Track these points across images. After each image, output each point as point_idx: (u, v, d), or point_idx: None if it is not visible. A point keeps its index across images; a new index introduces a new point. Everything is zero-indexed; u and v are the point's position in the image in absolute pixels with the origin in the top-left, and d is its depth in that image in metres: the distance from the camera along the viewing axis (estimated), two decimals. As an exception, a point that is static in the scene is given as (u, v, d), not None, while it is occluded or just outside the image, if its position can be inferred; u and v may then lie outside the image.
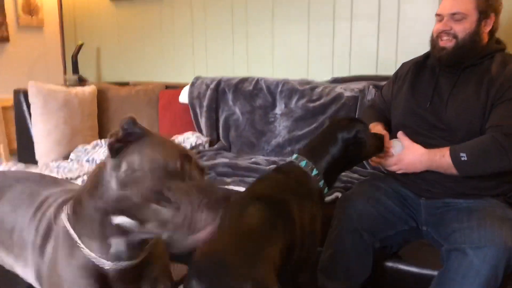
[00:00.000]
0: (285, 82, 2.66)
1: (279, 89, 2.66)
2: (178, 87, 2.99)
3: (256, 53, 3.00)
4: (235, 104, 2.75)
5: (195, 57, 3.21)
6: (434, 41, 1.71)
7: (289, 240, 1.32)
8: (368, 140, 1.59)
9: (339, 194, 1.95)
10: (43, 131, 2.65)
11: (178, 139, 2.72)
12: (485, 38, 1.66)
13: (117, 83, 3.27)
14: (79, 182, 2.19)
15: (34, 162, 2.66)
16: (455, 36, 1.64)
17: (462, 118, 1.60)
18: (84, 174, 2.30)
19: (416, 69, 1.80)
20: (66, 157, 2.66)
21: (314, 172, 1.51)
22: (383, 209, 1.68)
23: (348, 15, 2.66)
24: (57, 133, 2.66)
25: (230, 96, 2.77)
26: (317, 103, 2.51)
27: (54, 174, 2.30)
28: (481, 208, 1.54)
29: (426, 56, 1.81)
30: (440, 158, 1.58)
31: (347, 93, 2.44)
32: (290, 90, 2.62)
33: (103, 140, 2.73)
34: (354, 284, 1.63)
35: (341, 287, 1.62)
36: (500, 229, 1.42)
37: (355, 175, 2.21)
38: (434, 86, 1.70)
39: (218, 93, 2.81)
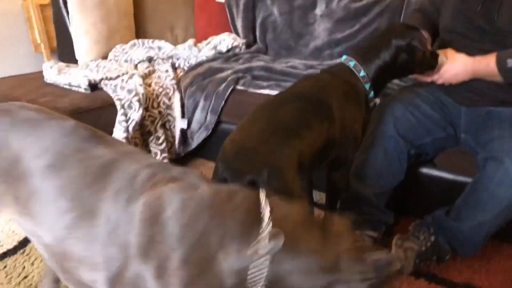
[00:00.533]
0: (327, -20, 2.51)
1: (321, -13, 2.52)
2: (215, -15, 2.88)
3: None
4: (273, 4, 2.64)
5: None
6: None
7: (326, 138, 1.34)
8: (422, 53, 1.53)
9: (377, 100, 1.92)
10: (81, 30, 2.64)
11: (214, 40, 2.67)
12: None
13: (152, -20, 3.17)
14: (118, 82, 2.22)
15: (74, 61, 2.69)
16: None
17: None
18: (123, 74, 2.32)
19: None
20: (105, 57, 2.68)
21: (362, 73, 1.50)
22: (421, 116, 1.65)
23: None
24: (95, 32, 2.66)
25: (268, -5, 2.65)
26: (360, 3, 2.38)
27: (94, 73, 2.34)
28: None
29: None
30: (486, 67, 1.51)
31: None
32: None
33: (140, 40, 2.72)
34: (386, 190, 1.65)
35: (372, 191, 1.65)
36: None
37: (396, 81, 2.15)
38: None
39: (256, -8, 2.69)
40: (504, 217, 1.43)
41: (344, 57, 1.56)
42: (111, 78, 2.27)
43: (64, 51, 2.82)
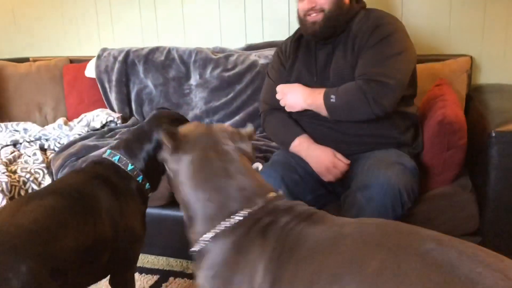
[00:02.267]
0: (198, 51, 2.56)
1: (193, 58, 2.55)
2: (83, 61, 2.79)
3: (166, 21, 2.84)
4: (147, 77, 2.62)
5: (100, 27, 2.99)
6: (302, 20, 1.73)
7: (93, 237, 1.23)
8: None
9: (259, 165, 1.93)
10: None
11: (87, 117, 2.54)
12: (348, 2, 1.71)
13: (15, 59, 2.98)
14: (-25, 172, 1.98)
15: None
16: (322, 10, 1.66)
17: (343, 83, 1.63)
18: (-18, 163, 2.09)
19: (294, 48, 1.82)
20: (-40, 145, 2.40)
21: (130, 167, 1.43)
22: (304, 173, 1.69)
23: (259, -21, 2.59)
24: None
25: (141, 68, 2.62)
26: (232, 72, 2.45)
27: None
28: (377, 156, 1.59)
29: (300, 33, 1.82)
30: (316, 96, 1.64)
31: (262, 61, 2.40)
32: (204, 59, 2.53)
33: (3, 124, 2.49)
34: None
35: None
36: (386, 169, 1.48)
37: (274, 143, 2.20)
38: (315, 61, 1.74)
39: (128, 65, 2.65)
40: None
41: (108, 151, 1.47)
42: (-32, 169, 2.02)
43: None
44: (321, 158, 1.66)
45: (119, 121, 2.58)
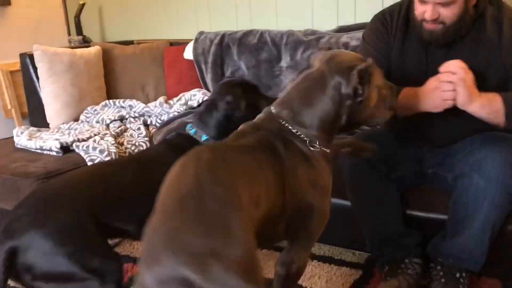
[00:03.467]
0: (290, 34, 2.63)
1: (284, 41, 2.62)
2: (182, 44, 2.97)
3: (259, 5, 2.94)
4: (240, 59, 2.73)
5: (198, 12, 3.16)
6: (418, 22, 1.55)
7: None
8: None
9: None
10: (51, 94, 2.67)
11: (185, 96, 2.73)
12: (472, 10, 1.51)
13: (121, 42, 3.25)
14: (90, 143, 2.23)
15: (45, 125, 2.70)
16: (442, 22, 1.48)
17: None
18: (95, 135, 2.33)
19: (403, 28, 1.64)
20: (76, 119, 2.69)
21: (204, 137, 1.58)
22: (385, 151, 1.60)
23: (353, -39, 2.58)
24: (66, 95, 2.68)
25: (234, 51, 2.75)
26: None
27: (65, 136, 2.34)
28: (483, 135, 1.55)
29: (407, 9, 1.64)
30: (492, 99, 1.44)
31: (353, 42, 2.40)
32: (295, 42, 2.59)
33: (111, 100, 2.75)
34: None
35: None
36: (500, 145, 1.43)
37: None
38: (426, 61, 1.59)
39: (223, 48, 2.78)
40: (492, 228, 1.47)
41: (188, 126, 1.65)
42: (83, 140, 2.28)
43: (35, 115, 2.83)
44: (426, 86, 1.49)
45: (214, 101, 2.73)
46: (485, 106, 1.43)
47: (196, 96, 2.70)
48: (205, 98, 2.69)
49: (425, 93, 1.48)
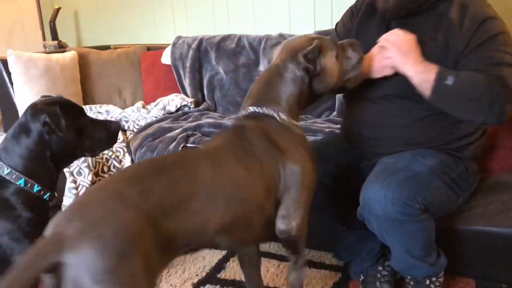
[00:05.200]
0: (268, 38, 2.64)
1: (262, 45, 2.64)
2: (160, 48, 2.96)
3: (237, 10, 2.95)
4: (218, 64, 2.74)
5: (175, 16, 3.16)
6: None
7: None
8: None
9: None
10: (26, 100, 2.61)
11: (163, 101, 2.71)
12: None
13: (98, 47, 3.21)
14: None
15: (20, 131, 2.65)
16: None
17: None
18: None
19: (369, 10, 1.61)
20: (51, 125, 2.65)
21: (6, 171, 1.30)
22: (333, 166, 1.62)
23: (328, -34, 2.62)
24: (41, 101, 2.64)
25: (213, 55, 2.75)
26: (300, 58, 2.50)
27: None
28: (389, 162, 1.47)
29: None
30: (429, 67, 1.38)
31: (330, 47, 2.43)
32: (273, 46, 2.60)
33: (88, 106, 2.72)
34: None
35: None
36: (383, 182, 1.37)
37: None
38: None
39: (201, 52, 2.78)
40: (412, 246, 1.45)
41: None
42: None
43: (10, 122, 2.77)
44: (369, 52, 1.48)
45: (192, 106, 2.72)
46: (419, 73, 1.38)
47: (174, 101, 2.69)
48: (183, 103, 2.68)
49: (367, 58, 1.47)
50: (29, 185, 1.30)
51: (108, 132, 1.47)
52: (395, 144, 1.53)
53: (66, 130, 1.32)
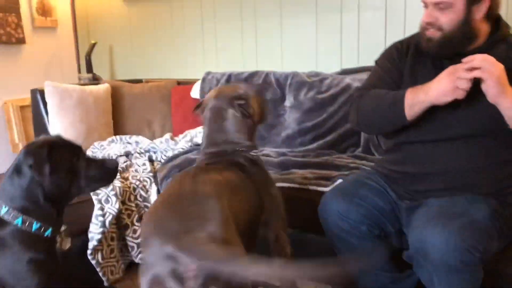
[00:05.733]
0: (294, 75, 2.70)
1: (288, 81, 2.69)
2: (190, 83, 3.05)
3: (265, 47, 3.04)
4: (245, 98, 2.80)
5: (206, 53, 3.27)
6: (421, 32, 1.52)
7: None
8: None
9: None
10: (59, 129, 2.72)
11: (190, 133, 2.77)
12: (480, 25, 1.45)
13: (130, 80, 3.33)
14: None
15: (52, 159, 2.74)
16: (440, 28, 1.44)
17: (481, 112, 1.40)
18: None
19: (417, 52, 1.58)
20: (82, 154, 2.73)
21: (3, 209, 1.34)
22: (370, 207, 1.54)
23: (356, 6, 2.69)
24: (74, 131, 2.74)
25: (240, 90, 2.81)
26: (326, 94, 2.54)
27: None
28: (443, 205, 1.40)
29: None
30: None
31: (356, 84, 2.47)
32: (299, 82, 2.65)
33: (118, 136, 2.80)
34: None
35: None
36: (443, 227, 1.28)
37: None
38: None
39: (229, 87, 2.85)
40: None
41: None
42: (88, 174, 2.30)
43: (42, 149, 2.87)
44: (439, 77, 1.39)
45: (218, 138, 2.77)
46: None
47: (202, 134, 2.73)
48: (210, 135, 2.74)
49: (438, 79, 1.38)
50: (27, 223, 1.33)
51: (105, 170, 1.51)
52: (454, 186, 1.46)
53: (55, 173, 1.35)
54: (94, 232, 2.06)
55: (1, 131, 3.25)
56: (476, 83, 1.33)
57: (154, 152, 2.66)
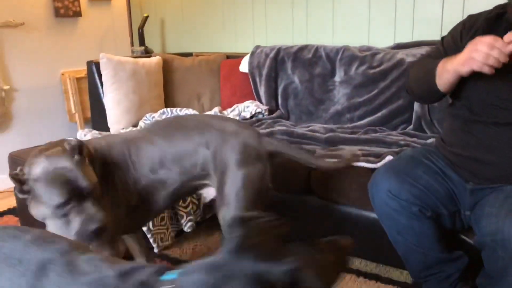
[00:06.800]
0: (345, 49, 2.65)
1: (339, 56, 2.65)
2: (238, 57, 3.06)
3: (316, 21, 2.98)
4: (294, 73, 2.78)
5: (255, 27, 3.25)
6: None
7: None
8: None
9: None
10: (114, 100, 2.81)
11: (239, 107, 2.80)
12: None
13: (181, 54, 3.38)
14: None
15: (106, 129, 2.84)
16: None
17: None
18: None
19: (488, 27, 1.45)
20: (135, 125, 2.82)
21: None
22: (424, 189, 1.49)
23: (412, -22, 2.58)
24: (127, 102, 2.82)
25: (289, 65, 2.79)
26: (378, 69, 2.48)
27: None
28: None
29: (500, 12, 1.46)
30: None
31: (409, 59, 2.39)
32: (350, 57, 2.60)
33: (168, 109, 2.86)
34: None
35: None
36: None
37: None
38: None
39: (277, 62, 2.84)
40: None
41: None
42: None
43: (97, 120, 2.98)
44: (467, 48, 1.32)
45: (266, 113, 2.79)
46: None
47: (249, 108, 2.76)
48: (258, 110, 2.75)
49: (472, 44, 1.29)
50: None
51: None
52: None
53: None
54: (146, 200, 2.13)
55: (59, 101, 3.40)
56: None
57: (203, 125, 2.70)
